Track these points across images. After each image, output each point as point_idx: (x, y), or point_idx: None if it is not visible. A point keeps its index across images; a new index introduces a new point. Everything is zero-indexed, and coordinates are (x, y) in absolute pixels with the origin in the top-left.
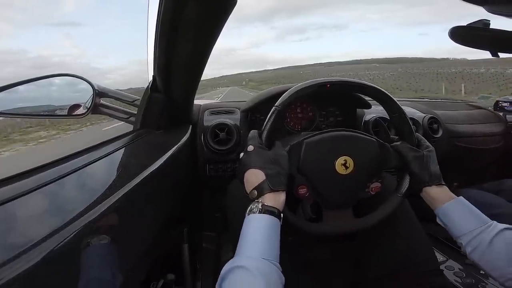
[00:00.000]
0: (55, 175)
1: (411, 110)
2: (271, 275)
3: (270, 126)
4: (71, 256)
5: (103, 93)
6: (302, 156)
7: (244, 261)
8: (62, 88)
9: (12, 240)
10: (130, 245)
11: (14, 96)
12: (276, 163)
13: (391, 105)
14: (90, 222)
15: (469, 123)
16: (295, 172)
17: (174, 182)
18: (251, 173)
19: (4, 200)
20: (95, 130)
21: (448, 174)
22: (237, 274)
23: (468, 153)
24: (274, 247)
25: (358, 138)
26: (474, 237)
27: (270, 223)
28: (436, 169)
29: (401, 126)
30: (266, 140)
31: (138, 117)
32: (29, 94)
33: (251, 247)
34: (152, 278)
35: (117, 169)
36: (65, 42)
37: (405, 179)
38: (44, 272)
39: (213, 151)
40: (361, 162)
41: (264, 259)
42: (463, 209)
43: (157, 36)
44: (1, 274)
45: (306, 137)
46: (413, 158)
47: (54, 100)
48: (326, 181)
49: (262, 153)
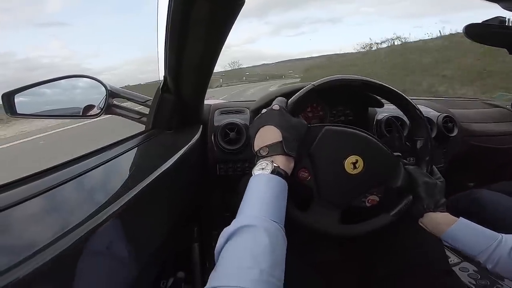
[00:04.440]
0: (69, 175)
1: (425, 109)
2: (278, 238)
3: (299, 98)
4: (85, 253)
5: (116, 93)
6: (318, 140)
7: (253, 220)
8: (76, 89)
9: (26, 239)
10: (141, 244)
11: (31, 98)
12: (295, 129)
13: (412, 112)
14: (103, 221)
15: (486, 121)
16: (304, 153)
17: (185, 181)
18: (269, 130)
19: (21, 200)
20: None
21: (463, 174)
22: (245, 232)
23: (484, 152)
24: (282, 210)
25: (378, 146)
26: (491, 253)
27: (280, 184)
28: (443, 199)
29: (418, 130)
30: (291, 108)
31: (149, 117)
32: (46, 96)
33: (259, 206)
34: (162, 276)
35: (130, 169)
36: (53, 43)
37: (403, 202)
38: (59, 268)
39: (223, 151)
40: (371, 168)
41: (272, 220)
42: (469, 229)
43: (167, 37)
44: (23, 269)
45: (328, 125)
46: (423, 183)
47: (70, 101)
48: (331, 173)
49: (285, 115)
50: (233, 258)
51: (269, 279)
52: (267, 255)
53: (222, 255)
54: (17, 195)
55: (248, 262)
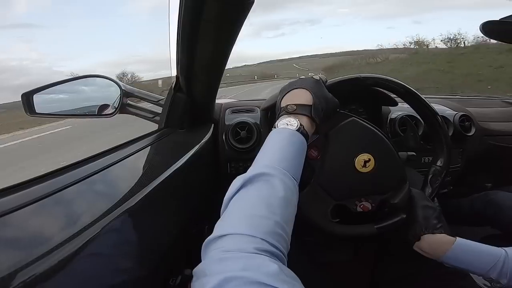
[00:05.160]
0: (84, 174)
1: (441, 108)
2: (293, 195)
3: (341, 80)
4: (99, 250)
5: (129, 93)
6: (340, 126)
7: (272, 170)
8: (92, 89)
9: (44, 236)
10: (153, 242)
11: (49, 97)
12: (326, 102)
13: (425, 111)
14: (117, 218)
15: (505, 120)
16: (323, 132)
17: (196, 180)
18: (302, 92)
19: (38, 198)
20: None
21: (481, 174)
22: (261, 181)
23: (503, 152)
24: (299, 169)
25: (394, 157)
26: (502, 268)
27: (303, 143)
28: (440, 223)
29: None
30: (329, 86)
31: (162, 116)
32: (63, 95)
33: (279, 159)
34: (173, 273)
35: (143, 167)
36: (21, 46)
37: (393, 220)
38: (73, 266)
39: (234, 150)
40: (379, 174)
41: (291, 176)
42: (470, 248)
43: (179, 36)
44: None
45: (356, 116)
46: (423, 206)
47: (85, 100)
48: (339, 163)
49: (322, 86)
50: (246, 206)
51: (282, 233)
52: (282, 208)
53: (234, 203)
54: (32, 194)
55: (263, 211)
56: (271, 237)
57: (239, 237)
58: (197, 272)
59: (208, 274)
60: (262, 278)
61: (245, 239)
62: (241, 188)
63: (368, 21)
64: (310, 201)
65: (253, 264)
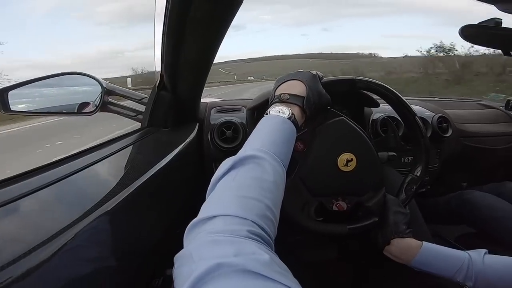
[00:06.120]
0: (63, 173)
1: (420, 109)
2: (282, 181)
3: (336, 79)
4: (79, 251)
5: (111, 91)
6: (329, 123)
7: (263, 154)
8: (71, 86)
9: (22, 237)
10: (136, 242)
11: (25, 94)
12: (319, 97)
13: (406, 112)
14: (97, 219)
15: (480, 122)
16: (310, 126)
17: (181, 179)
18: (297, 83)
19: (14, 198)
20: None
21: (457, 174)
22: (252, 163)
23: (478, 153)
24: (288, 156)
25: (376, 162)
26: (467, 272)
27: (292, 131)
28: (409, 229)
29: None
30: (324, 83)
31: (145, 115)
32: (40, 93)
33: (269, 143)
34: (157, 274)
35: (125, 166)
36: None
37: (365, 222)
38: (53, 267)
39: (220, 149)
40: (359, 175)
41: (281, 162)
42: (436, 252)
43: (165, 34)
44: (13, 271)
45: (345, 116)
46: (395, 212)
47: (64, 98)
48: (322, 159)
49: (318, 82)
50: (238, 187)
51: (272, 218)
52: (273, 192)
53: (223, 184)
54: (10, 193)
55: (255, 193)
56: (262, 221)
57: (230, 219)
58: (181, 257)
59: (197, 259)
60: (257, 267)
61: (236, 221)
62: (231, 169)
63: (287, 28)
64: (288, 194)
65: (247, 250)
